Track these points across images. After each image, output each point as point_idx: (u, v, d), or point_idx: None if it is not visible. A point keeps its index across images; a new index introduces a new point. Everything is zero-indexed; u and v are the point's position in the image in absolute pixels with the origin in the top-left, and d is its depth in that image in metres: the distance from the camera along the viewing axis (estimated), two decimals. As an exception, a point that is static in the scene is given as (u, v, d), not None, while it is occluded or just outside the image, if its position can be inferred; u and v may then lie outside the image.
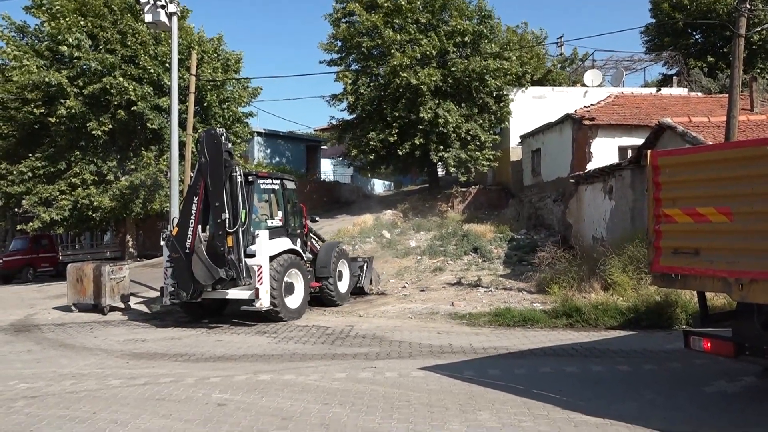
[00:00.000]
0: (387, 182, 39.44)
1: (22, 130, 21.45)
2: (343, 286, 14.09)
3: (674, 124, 13.78)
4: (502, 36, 25.23)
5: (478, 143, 22.99)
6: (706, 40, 32.32)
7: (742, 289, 5.51)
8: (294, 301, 12.27)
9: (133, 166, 20.96)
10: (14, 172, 20.57)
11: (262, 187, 12.77)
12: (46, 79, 19.30)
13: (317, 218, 15.89)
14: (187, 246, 11.27)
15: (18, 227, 27.72)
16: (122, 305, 14.09)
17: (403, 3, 22.63)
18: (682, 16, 29.91)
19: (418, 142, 22.23)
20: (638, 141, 16.74)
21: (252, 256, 11.62)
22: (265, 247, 11.63)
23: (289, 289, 12.20)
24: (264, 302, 11.38)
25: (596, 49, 54.19)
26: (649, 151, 6.77)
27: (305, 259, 13.16)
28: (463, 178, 23.72)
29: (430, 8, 23.36)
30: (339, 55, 24.74)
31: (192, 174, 17.70)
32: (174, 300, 11.76)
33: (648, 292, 10.90)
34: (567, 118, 19.54)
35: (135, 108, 19.98)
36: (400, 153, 22.72)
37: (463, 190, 24.57)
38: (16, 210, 24.56)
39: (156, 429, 5.74)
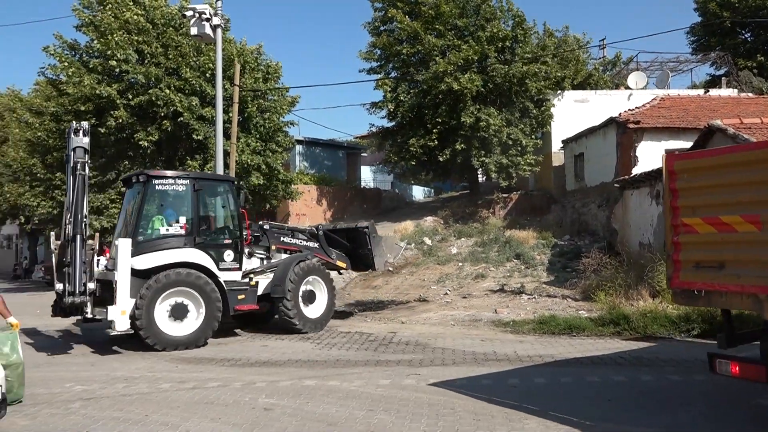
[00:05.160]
0: (427, 189, 39.37)
1: (74, 142, 22.30)
2: (316, 309, 11.93)
3: (724, 126, 13.37)
4: (540, 39, 25.04)
5: (519, 148, 22.79)
6: (756, 39, 31.28)
7: None
8: (185, 327, 10.23)
9: (179, 175, 21.50)
10: (67, 182, 21.38)
11: (158, 188, 10.76)
12: (97, 92, 20.08)
13: (266, 225, 12.72)
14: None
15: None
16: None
17: (445, 9, 22.68)
18: (730, 14, 29.03)
19: (459, 148, 22.17)
20: (686, 144, 16.29)
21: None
22: (123, 260, 9.78)
23: (180, 311, 10.21)
24: (118, 326, 9.56)
25: (640, 51, 53.10)
26: (663, 155, 6.22)
27: (217, 275, 10.75)
28: (504, 183, 23.51)
29: (466, 14, 23.36)
30: (378, 63, 24.93)
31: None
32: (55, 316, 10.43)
33: (699, 300, 10.56)
34: (611, 121, 19.17)
35: (181, 119, 20.55)
36: (441, 159, 22.68)
37: (505, 195, 24.35)
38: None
39: (206, 432, 5.87)
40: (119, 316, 9.59)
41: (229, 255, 11.13)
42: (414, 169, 25.26)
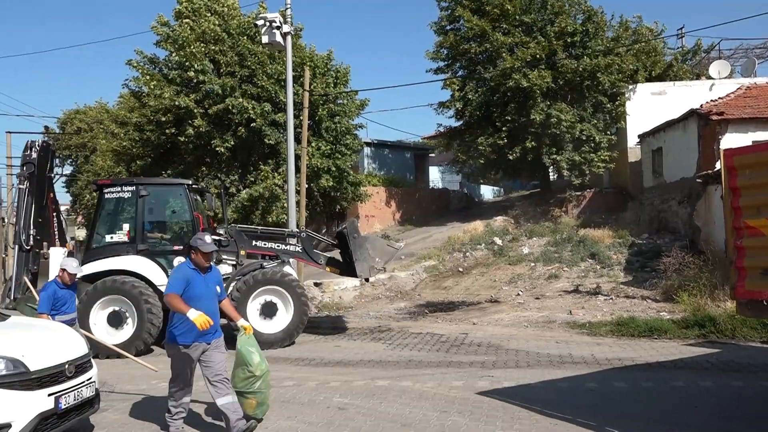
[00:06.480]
0: (496, 188, 38.84)
1: (156, 151, 23.48)
2: (275, 324, 10.76)
3: (820, 114, 12.46)
4: (615, 30, 24.20)
5: (592, 144, 22.09)
6: None
7: None
8: (121, 335, 10.17)
9: (252, 179, 22.20)
10: (150, 189, 22.54)
11: (107, 196, 10.86)
12: (176, 103, 21.03)
13: (220, 229, 11.60)
14: None
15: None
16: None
17: (509, 7, 22.35)
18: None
19: (529, 146, 21.74)
20: (777, 135, 15.30)
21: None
22: (54, 269, 9.86)
23: (116, 319, 10.26)
24: None
25: (722, 38, 50.07)
26: (722, 149, 5.72)
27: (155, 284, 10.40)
28: (576, 181, 22.82)
29: (532, 10, 22.93)
30: (445, 63, 24.82)
31: (306, 186, 18.46)
32: None
33: (794, 301, 9.89)
34: (692, 113, 18.24)
35: (254, 125, 21.20)
36: (510, 157, 22.29)
37: (578, 193, 23.64)
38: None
39: (283, 430, 6.01)
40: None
41: (180, 261, 10.87)
42: (483, 168, 24.97)
